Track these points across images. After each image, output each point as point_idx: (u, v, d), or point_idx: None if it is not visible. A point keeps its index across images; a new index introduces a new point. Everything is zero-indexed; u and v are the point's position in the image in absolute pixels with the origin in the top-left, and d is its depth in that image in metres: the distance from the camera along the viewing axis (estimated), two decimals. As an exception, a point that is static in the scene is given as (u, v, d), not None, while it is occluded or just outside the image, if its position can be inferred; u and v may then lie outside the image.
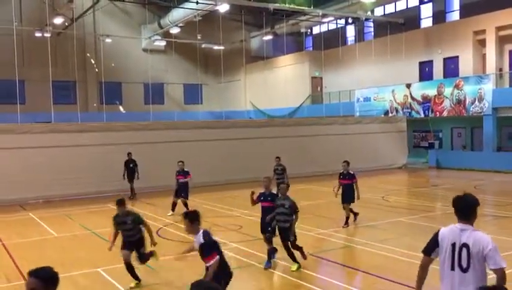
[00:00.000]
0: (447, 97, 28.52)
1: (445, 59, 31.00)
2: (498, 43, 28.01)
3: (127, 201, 9.58)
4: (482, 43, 28.92)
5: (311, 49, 43.78)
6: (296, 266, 9.42)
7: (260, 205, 10.01)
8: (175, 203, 15.74)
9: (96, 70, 37.38)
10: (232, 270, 6.56)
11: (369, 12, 36.14)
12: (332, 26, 39.96)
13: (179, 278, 9.04)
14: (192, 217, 6.24)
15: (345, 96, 36.04)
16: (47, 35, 30.79)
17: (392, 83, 32.42)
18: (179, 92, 45.40)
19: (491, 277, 4.38)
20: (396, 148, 29.24)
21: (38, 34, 33.54)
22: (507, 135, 28.43)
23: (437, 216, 15.17)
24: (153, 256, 9.16)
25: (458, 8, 31.97)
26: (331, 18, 36.53)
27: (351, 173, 13.36)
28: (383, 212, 15.74)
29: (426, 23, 34.10)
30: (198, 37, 38.58)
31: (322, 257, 10.51)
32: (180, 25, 37.04)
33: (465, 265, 4.36)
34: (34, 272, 3.39)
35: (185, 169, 15.89)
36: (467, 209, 4.53)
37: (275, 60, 42.45)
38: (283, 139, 24.80)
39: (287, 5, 32.15)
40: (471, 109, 27.29)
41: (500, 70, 28.30)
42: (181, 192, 15.76)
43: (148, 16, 38.24)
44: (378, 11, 37.17)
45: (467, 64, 29.38)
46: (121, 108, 40.69)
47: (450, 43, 30.11)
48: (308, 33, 43.53)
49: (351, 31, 39.96)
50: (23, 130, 20.00)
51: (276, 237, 9.74)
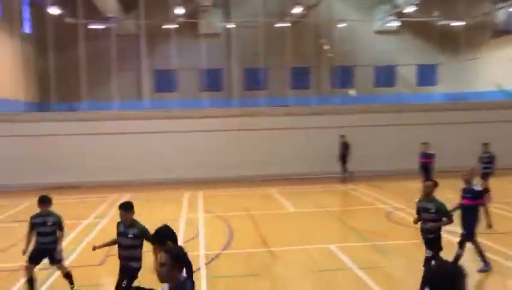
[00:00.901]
0: None
1: None
2: None
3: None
4: None
5: None
6: None
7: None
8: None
9: (330, 55, 38.65)
10: None
11: None
12: None
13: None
14: None
15: None
16: (286, 25, 33.23)
17: None
18: (411, 73, 43.68)
19: None
20: None
21: (278, 25, 36.43)
22: None
23: None
24: None
25: None
26: None
27: None
28: None
29: None
30: (435, 14, 36.32)
31: None
32: (416, 2, 35.44)
33: None
34: (167, 250, 3.84)
35: (429, 151, 15.57)
36: None
37: (525, 33, 37.12)
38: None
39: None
40: None
41: None
42: (424, 174, 15.55)
43: (381, -3, 37.67)
44: None
45: None
46: (352, 92, 41.30)
47: None
48: None
49: None
50: (265, 113, 22.32)
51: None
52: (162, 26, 32.48)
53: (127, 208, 6.94)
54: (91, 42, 31.53)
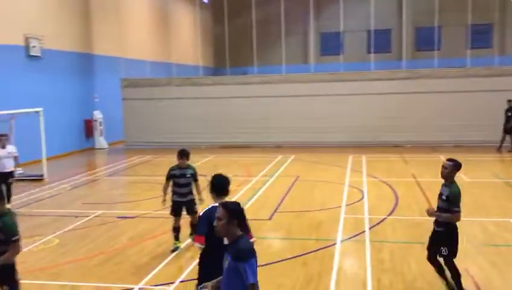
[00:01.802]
0: None
1: None
2: None
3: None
4: None
5: None
6: None
7: None
8: None
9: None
10: None
11: None
12: None
13: None
14: None
15: None
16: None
17: None
18: None
19: None
20: None
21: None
22: None
23: None
24: None
25: None
26: None
27: None
28: None
29: None
30: None
31: None
32: None
33: None
34: (223, 204, 3.87)
35: None
36: None
37: None
38: None
39: None
40: None
41: None
42: None
43: None
44: None
45: None
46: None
47: None
48: None
49: None
50: (439, 75, 20.79)
51: None
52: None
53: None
54: (262, 7, 32.59)
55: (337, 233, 9.01)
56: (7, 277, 4.95)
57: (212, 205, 4.84)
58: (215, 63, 39.38)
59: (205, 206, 5.02)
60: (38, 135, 15.14)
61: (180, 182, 8.27)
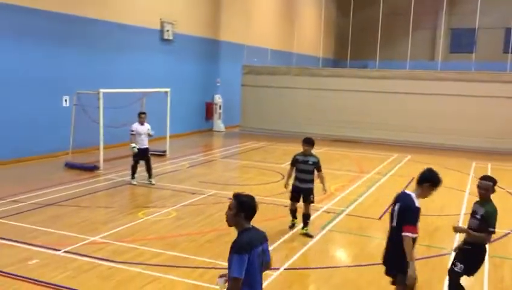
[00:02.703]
0: None
1: None
2: None
3: None
4: None
5: None
6: None
7: None
8: None
9: None
10: None
11: None
12: None
13: None
14: None
15: None
16: None
17: None
18: None
19: None
20: None
21: None
22: None
23: None
24: None
25: None
26: None
27: None
28: None
29: None
30: None
31: None
32: None
33: None
34: (235, 195, 3.85)
35: None
36: None
37: None
38: None
39: None
40: None
41: None
42: None
43: None
44: None
45: None
46: None
47: None
48: None
49: None
50: None
51: None
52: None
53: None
54: (389, 0, 31.42)
55: (454, 242, 8.48)
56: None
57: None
58: (335, 54, 38.89)
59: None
60: (164, 113, 16.21)
61: (302, 168, 8.54)
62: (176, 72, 20.47)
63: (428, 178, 4.93)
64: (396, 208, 5.01)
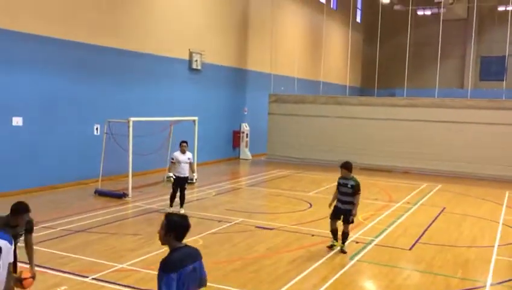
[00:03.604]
0: None
1: None
2: None
3: None
4: None
5: None
6: None
7: None
8: None
9: None
10: None
11: None
12: None
13: None
14: None
15: None
16: None
17: None
18: None
19: None
20: None
21: None
22: None
23: None
24: None
25: None
26: None
27: None
28: None
29: None
30: None
31: None
32: None
33: None
34: (166, 215, 3.93)
35: None
36: None
37: None
38: None
39: None
40: None
41: None
42: None
43: None
44: None
45: None
46: None
47: None
48: None
49: None
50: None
51: None
52: (497, 9, 29.64)
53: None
54: (417, 29, 31.39)
55: (488, 275, 8.20)
56: None
57: None
58: (362, 83, 38.85)
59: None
60: (192, 141, 16.38)
61: (342, 190, 9.20)
62: (204, 101, 20.76)
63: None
64: None
